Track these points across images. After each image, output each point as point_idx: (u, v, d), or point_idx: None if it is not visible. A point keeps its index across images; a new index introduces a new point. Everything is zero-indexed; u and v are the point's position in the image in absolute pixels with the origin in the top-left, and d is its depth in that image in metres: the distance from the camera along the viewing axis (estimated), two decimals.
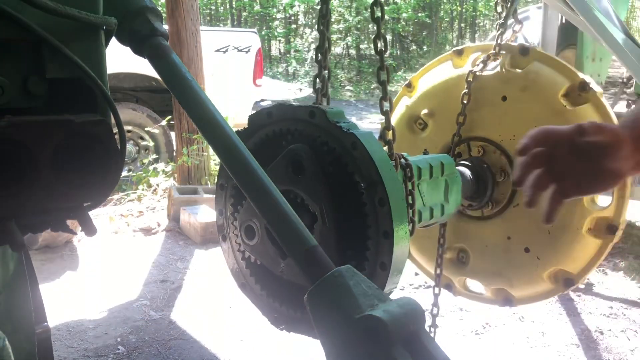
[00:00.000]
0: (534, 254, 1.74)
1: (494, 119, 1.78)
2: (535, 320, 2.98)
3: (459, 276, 1.93)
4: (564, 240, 1.69)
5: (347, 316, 0.66)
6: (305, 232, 0.75)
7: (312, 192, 1.08)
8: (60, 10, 0.67)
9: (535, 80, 1.73)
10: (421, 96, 1.96)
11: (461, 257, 1.90)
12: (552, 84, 1.71)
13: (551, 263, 1.72)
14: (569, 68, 1.73)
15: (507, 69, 1.78)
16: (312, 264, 0.73)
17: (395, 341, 0.64)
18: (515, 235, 1.77)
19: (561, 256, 1.71)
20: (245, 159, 0.79)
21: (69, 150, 0.71)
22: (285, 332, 1.20)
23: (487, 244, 1.83)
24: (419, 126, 1.95)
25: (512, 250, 1.77)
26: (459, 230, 1.88)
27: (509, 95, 1.75)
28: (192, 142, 4.92)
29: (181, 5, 4.75)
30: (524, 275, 1.79)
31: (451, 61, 1.93)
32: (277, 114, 1.16)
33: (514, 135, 1.74)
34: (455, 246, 1.89)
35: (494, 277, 1.85)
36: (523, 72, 1.75)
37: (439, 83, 1.92)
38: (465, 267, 1.88)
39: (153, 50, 0.85)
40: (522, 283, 1.81)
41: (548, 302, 3.15)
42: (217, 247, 3.95)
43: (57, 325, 2.80)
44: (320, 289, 0.70)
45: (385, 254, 1.04)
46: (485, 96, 1.78)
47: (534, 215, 1.57)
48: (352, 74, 17.78)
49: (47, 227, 0.76)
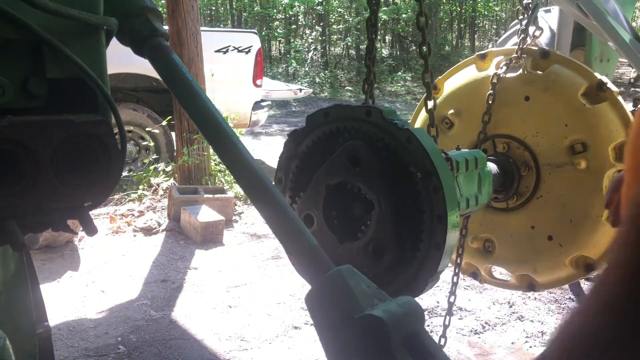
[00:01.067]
0: (556, 241, 1.86)
1: (517, 117, 1.90)
2: (535, 320, 2.98)
3: (485, 264, 2.04)
4: (585, 228, 1.81)
5: (347, 316, 0.66)
6: (305, 231, 0.75)
7: (369, 182, 1.18)
8: (61, 10, 0.68)
9: (555, 81, 1.85)
10: (447, 97, 2.07)
11: (487, 246, 2.01)
12: (572, 84, 1.83)
13: (573, 250, 1.83)
14: (586, 69, 1.86)
15: (528, 71, 1.90)
16: (312, 263, 0.73)
17: (395, 340, 0.64)
18: (538, 225, 1.89)
19: (582, 243, 1.82)
20: (245, 158, 0.79)
21: (70, 150, 0.71)
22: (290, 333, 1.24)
23: (512, 234, 1.95)
24: (445, 125, 2.06)
25: (536, 238, 1.89)
26: (485, 222, 1.99)
27: (532, 95, 1.87)
28: (192, 142, 4.92)
29: (181, 5, 4.75)
30: (547, 261, 1.90)
31: (475, 65, 2.06)
32: (334, 113, 1.27)
33: (537, 132, 1.86)
34: (482, 236, 2.00)
35: (519, 264, 1.96)
36: (544, 74, 1.87)
37: (464, 85, 2.04)
38: (492, 255, 2.00)
39: (153, 51, 0.85)
40: (546, 269, 1.92)
41: (548, 302, 3.15)
42: (217, 247, 3.96)
43: (58, 324, 2.81)
44: (320, 288, 0.70)
45: (439, 236, 1.14)
46: (509, 96, 1.90)
47: (557, 206, 1.84)
48: (352, 74, 17.77)
49: (48, 227, 0.77)
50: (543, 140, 1.87)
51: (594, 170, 1.80)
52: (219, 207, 4.37)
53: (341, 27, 18.58)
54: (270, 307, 3.06)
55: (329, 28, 18.51)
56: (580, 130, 1.81)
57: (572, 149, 1.82)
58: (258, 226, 4.44)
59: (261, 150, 8.32)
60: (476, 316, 2.99)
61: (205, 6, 19.27)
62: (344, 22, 18.60)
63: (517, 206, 1.93)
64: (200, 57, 4.92)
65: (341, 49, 19.53)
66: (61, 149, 0.70)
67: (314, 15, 19.34)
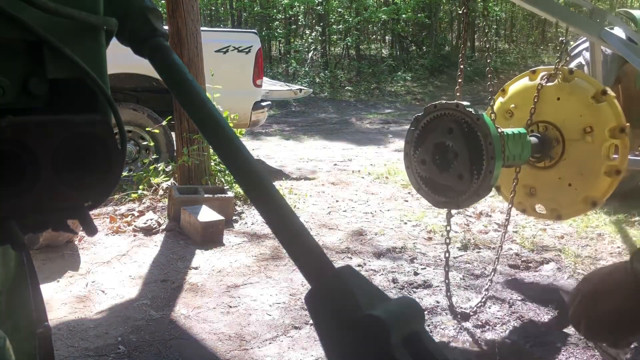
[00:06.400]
0: (573, 187, 2.94)
1: (552, 110, 2.99)
2: (535, 319, 2.98)
3: (531, 203, 3.17)
4: (591, 178, 2.89)
5: (347, 316, 0.66)
6: (305, 231, 0.75)
7: (456, 141, 2.43)
8: (61, 10, 0.67)
9: (576, 88, 2.95)
10: (510, 97, 3.23)
11: (531, 191, 3.12)
12: (586, 90, 2.93)
13: (584, 192, 2.93)
14: (596, 82, 3.03)
15: (560, 81, 3.00)
16: (312, 264, 0.73)
17: (395, 340, 0.64)
18: (563, 177, 2.98)
19: (590, 188, 2.91)
20: (245, 158, 0.79)
21: (70, 151, 0.71)
22: None
23: (547, 182, 3.04)
24: (507, 115, 3.18)
25: (562, 185, 2.98)
26: (530, 175, 3.08)
27: (561, 97, 2.97)
28: (192, 142, 4.92)
29: (181, 5, 4.75)
30: (568, 200, 2.98)
31: (528, 77, 3.18)
32: (439, 106, 2.50)
33: (564, 119, 2.94)
34: (528, 184, 3.10)
35: (551, 202, 3.07)
36: (570, 84, 2.97)
37: (521, 89, 3.17)
38: (534, 197, 3.13)
39: (153, 51, 0.85)
40: (567, 205, 3.01)
41: (547, 302, 3.15)
42: (217, 247, 3.96)
43: (58, 324, 2.81)
44: (320, 289, 0.70)
45: (491, 167, 2.38)
46: (548, 97, 3.00)
47: (574, 165, 2.92)
48: (351, 74, 17.76)
49: (48, 227, 0.77)
50: (567, 124, 2.94)
51: (597, 143, 2.87)
52: (219, 207, 4.37)
53: (341, 27, 18.57)
54: (270, 307, 3.06)
55: (329, 28, 18.49)
56: (590, 119, 2.87)
57: (584, 130, 2.88)
58: (258, 226, 4.44)
59: (261, 151, 8.31)
60: (476, 316, 2.99)
61: (205, 6, 19.26)
62: (344, 22, 18.59)
63: (550, 165, 3.01)
64: (200, 57, 4.91)
65: (341, 49, 19.51)
66: (61, 149, 0.70)
67: (314, 15, 19.33)
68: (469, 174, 2.42)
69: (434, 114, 2.50)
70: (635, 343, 2.49)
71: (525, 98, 3.05)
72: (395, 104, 15.00)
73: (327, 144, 9.20)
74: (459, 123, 2.42)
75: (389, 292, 3.30)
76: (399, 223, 4.64)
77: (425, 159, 2.53)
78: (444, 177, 2.49)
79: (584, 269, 3.68)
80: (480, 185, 2.41)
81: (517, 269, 3.69)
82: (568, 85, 2.95)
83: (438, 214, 4.82)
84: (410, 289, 3.36)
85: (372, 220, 4.73)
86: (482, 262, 3.78)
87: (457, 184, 2.47)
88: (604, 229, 4.46)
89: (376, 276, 3.53)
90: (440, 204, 2.59)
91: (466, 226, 4.56)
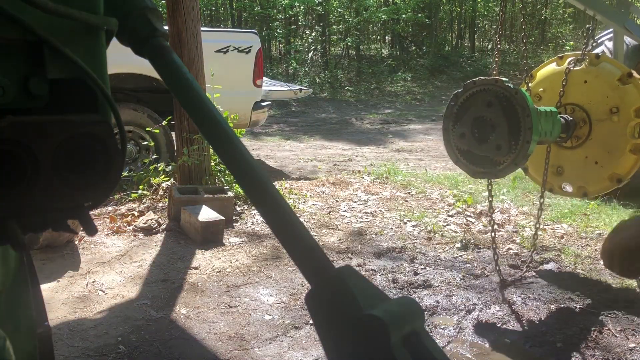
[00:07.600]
0: (600, 165, 3.11)
1: (579, 93, 3.16)
2: (535, 320, 2.98)
3: (558, 182, 3.34)
4: (617, 156, 3.06)
5: (347, 315, 0.66)
6: (305, 231, 0.75)
7: (495, 115, 2.57)
8: (61, 10, 0.67)
9: (602, 71, 3.12)
10: (538, 82, 3.42)
11: (559, 170, 3.29)
12: (612, 73, 3.09)
13: (610, 169, 3.09)
14: (621, 65, 3.18)
15: (587, 66, 3.17)
16: (312, 264, 0.73)
17: (395, 340, 0.64)
18: (589, 155, 3.13)
19: (615, 165, 3.07)
20: (245, 158, 0.79)
21: (70, 151, 0.71)
22: None
23: (574, 161, 3.20)
24: (536, 98, 3.35)
25: (588, 163, 3.14)
26: (558, 155, 3.26)
27: (588, 80, 3.14)
28: (192, 142, 4.91)
29: (182, 5, 4.75)
30: (595, 177, 3.14)
31: (555, 62, 3.37)
32: (478, 82, 2.64)
33: (590, 101, 3.12)
34: (555, 164, 3.27)
35: (578, 180, 3.23)
36: (596, 68, 3.14)
37: (549, 74, 3.37)
38: (561, 176, 3.30)
39: (153, 51, 0.85)
40: (593, 182, 3.16)
41: (548, 302, 3.15)
42: (217, 247, 3.96)
43: (58, 324, 2.81)
44: (320, 289, 0.70)
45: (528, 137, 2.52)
46: (575, 81, 3.18)
47: (600, 144, 3.09)
48: (351, 74, 17.76)
49: (48, 227, 0.76)
50: (593, 106, 3.11)
51: (622, 123, 3.02)
52: (219, 207, 4.37)
53: (341, 27, 18.57)
54: (271, 307, 3.06)
55: (329, 28, 18.50)
56: (616, 100, 3.04)
57: (610, 110, 3.05)
58: (258, 226, 4.44)
59: (261, 151, 8.32)
60: (476, 316, 2.99)
61: (205, 6, 19.26)
62: (344, 22, 18.59)
63: (577, 145, 3.16)
64: (200, 57, 4.91)
65: (341, 49, 19.52)
66: (61, 149, 0.70)
67: (314, 15, 19.33)
68: (507, 145, 2.55)
69: (473, 90, 2.64)
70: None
71: (553, 82, 3.25)
72: (395, 104, 15.00)
73: (327, 144, 9.20)
74: (497, 97, 2.56)
75: (389, 292, 3.30)
76: (399, 223, 4.64)
77: (465, 132, 2.67)
78: (482, 149, 2.63)
79: (584, 269, 3.68)
80: (518, 154, 2.54)
81: (517, 269, 3.69)
82: (595, 68, 3.12)
83: (438, 214, 4.82)
84: (410, 289, 3.35)
85: (372, 220, 4.73)
86: (482, 262, 3.78)
87: (496, 154, 2.60)
88: (604, 229, 4.46)
89: (376, 276, 3.53)
90: (478, 174, 2.72)
91: (466, 226, 4.56)
